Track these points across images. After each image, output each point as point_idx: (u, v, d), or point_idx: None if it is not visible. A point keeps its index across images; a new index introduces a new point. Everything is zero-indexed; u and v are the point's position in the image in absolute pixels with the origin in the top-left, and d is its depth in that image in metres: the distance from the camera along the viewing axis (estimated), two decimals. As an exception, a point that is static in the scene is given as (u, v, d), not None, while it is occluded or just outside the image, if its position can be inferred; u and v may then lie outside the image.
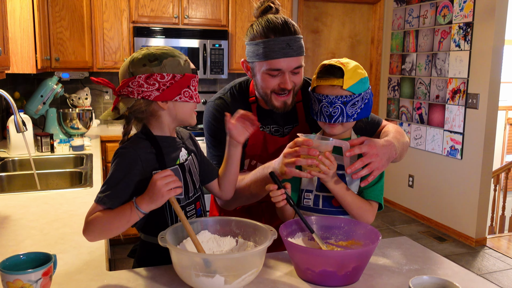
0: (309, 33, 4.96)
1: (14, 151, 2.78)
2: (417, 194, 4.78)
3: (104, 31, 3.83)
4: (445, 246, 4.09)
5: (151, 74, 1.21)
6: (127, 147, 1.23)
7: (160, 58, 1.22)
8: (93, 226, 1.16)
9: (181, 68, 1.24)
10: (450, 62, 4.25)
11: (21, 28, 2.80)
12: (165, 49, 1.26)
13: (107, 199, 1.17)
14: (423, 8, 4.55)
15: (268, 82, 1.49)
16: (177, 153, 1.32)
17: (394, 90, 5.04)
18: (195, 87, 1.27)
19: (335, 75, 1.38)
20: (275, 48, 1.43)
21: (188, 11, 4.02)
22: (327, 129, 1.45)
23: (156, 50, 1.24)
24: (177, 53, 1.26)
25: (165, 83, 1.21)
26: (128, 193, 1.20)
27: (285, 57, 1.44)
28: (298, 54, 1.46)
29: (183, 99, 1.24)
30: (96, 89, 4.25)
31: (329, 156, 1.31)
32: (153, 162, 1.25)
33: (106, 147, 3.64)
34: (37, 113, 3.40)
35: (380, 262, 1.33)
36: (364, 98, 1.40)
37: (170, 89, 1.22)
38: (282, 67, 1.45)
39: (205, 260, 1.07)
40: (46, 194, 1.99)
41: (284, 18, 1.48)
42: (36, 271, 1.02)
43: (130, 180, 1.20)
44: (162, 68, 1.21)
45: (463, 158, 4.17)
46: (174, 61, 1.23)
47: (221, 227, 1.29)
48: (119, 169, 1.21)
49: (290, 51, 1.44)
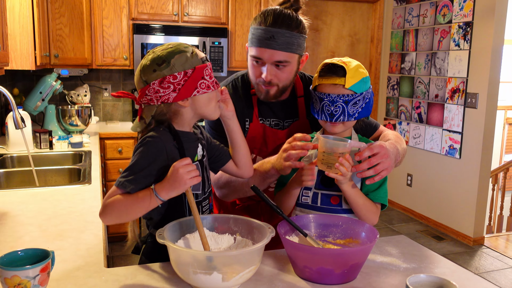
0: (309, 32, 4.93)
1: (12, 147, 2.78)
2: (416, 193, 4.78)
3: (104, 28, 3.83)
4: (443, 245, 4.09)
5: (164, 78, 1.20)
6: (154, 137, 1.22)
7: (167, 59, 1.21)
8: (111, 209, 1.17)
9: (190, 62, 1.22)
10: (449, 62, 4.25)
11: (21, 25, 2.80)
12: (170, 47, 1.24)
13: (128, 183, 1.17)
14: (423, 7, 4.54)
15: (253, 68, 1.53)
16: (196, 149, 1.32)
17: (393, 89, 5.04)
18: (209, 75, 1.25)
19: (337, 74, 1.38)
20: (260, 37, 1.45)
21: (188, 8, 4.02)
22: (328, 128, 1.45)
23: (162, 51, 1.23)
24: (183, 47, 1.24)
25: (179, 82, 1.21)
26: (149, 181, 1.19)
27: (266, 48, 1.45)
28: (282, 49, 1.46)
29: (201, 92, 1.23)
30: (95, 86, 4.24)
31: (348, 158, 1.29)
32: (176, 155, 1.25)
33: (105, 144, 3.64)
34: (36, 110, 3.40)
35: (377, 260, 1.34)
36: (365, 98, 1.41)
37: (186, 86, 1.21)
38: (263, 57, 1.47)
39: (205, 257, 1.07)
40: (44, 191, 1.99)
41: (288, 12, 1.49)
42: (34, 268, 1.02)
43: (153, 169, 1.20)
44: (171, 68, 1.20)
45: (461, 158, 4.18)
46: (181, 58, 1.21)
47: (219, 225, 1.29)
48: (145, 157, 1.20)
49: (273, 44, 1.44)
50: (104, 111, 4.33)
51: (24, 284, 1.01)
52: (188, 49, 1.24)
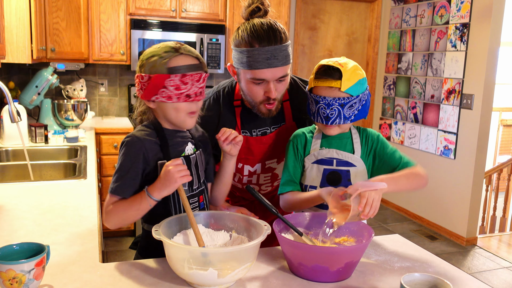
0: (306, 30, 4.95)
1: (7, 141, 2.76)
2: (410, 192, 4.80)
3: (101, 23, 3.81)
4: (436, 245, 4.12)
5: (138, 75, 1.29)
6: (131, 136, 1.29)
7: (145, 58, 1.28)
8: (111, 217, 1.26)
9: (155, 69, 1.25)
10: (446, 62, 4.27)
11: (17, 18, 2.78)
12: (158, 47, 1.28)
13: (120, 189, 1.25)
14: (421, 7, 4.56)
15: (253, 90, 1.46)
16: (183, 146, 1.35)
17: (389, 89, 5.06)
18: (176, 87, 1.23)
19: (332, 77, 1.37)
20: (259, 58, 1.39)
21: (186, 4, 4.00)
22: (324, 130, 1.46)
23: (154, 48, 1.29)
24: (162, 52, 1.26)
25: (144, 83, 1.27)
26: (137, 180, 1.27)
27: (269, 68, 1.40)
28: (283, 64, 1.42)
29: (160, 99, 1.26)
30: (91, 81, 4.23)
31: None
32: (157, 151, 1.29)
33: (101, 139, 3.63)
34: (32, 104, 3.38)
35: (372, 259, 1.34)
36: (362, 100, 1.40)
37: (147, 89, 1.26)
38: (267, 77, 1.42)
39: (200, 253, 1.08)
40: (39, 185, 1.99)
41: (270, 23, 1.43)
42: (29, 262, 1.02)
43: (138, 167, 1.26)
44: (141, 68, 1.28)
45: (456, 158, 4.20)
46: (153, 62, 1.26)
47: (215, 221, 1.30)
48: (126, 158, 1.27)
49: (275, 62, 1.39)
50: (100, 106, 4.32)
51: (19, 278, 1.01)
52: (167, 54, 1.25)
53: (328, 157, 1.46)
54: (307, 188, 1.47)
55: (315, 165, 1.46)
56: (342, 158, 1.45)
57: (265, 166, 1.69)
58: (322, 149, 1.47)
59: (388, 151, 1.46)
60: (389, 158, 1.45)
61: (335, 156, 1.45)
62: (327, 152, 1.46)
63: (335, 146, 1.47)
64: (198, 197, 1.38)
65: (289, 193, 1.47)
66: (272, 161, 1.69)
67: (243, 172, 1.70)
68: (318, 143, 1.48)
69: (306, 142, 1.50)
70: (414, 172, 1.37)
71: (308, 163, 1.48)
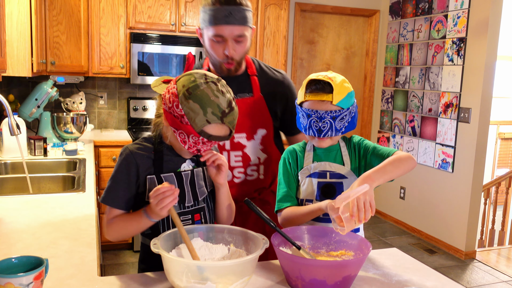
0: (305, 44, 5.00)
1: (7, 154, 2.77)
2: (408, 206, 4.80)
3: (101, 36, 3.84)
4: (435, 259, 4.11)
5: (175, 96, 1.22)
6: (126, 149, 1.31)
7: (193, 98, 1.19)
8: (112, 231, 1.30)
9: (192, 121, 1.19)
10: (443, 76, 4.30)
11: (18, 31, 2.81)
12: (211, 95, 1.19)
13: (110, 199, 1.28)
14: (418, 22, 4.60)
15: (214, 48, 1.64)
16: (180, 164, 1.35)
17: (387, 102, 5.08)
18: (195, 142, 1.23)
19: (324, 90, 1.41)
20: (219, 15, 1.58)
21: (185, 18, 4.04)
22: (316, 143, 1.49)
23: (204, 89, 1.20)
24: (210, 110, 1.19)
25: (175, 111, 1.22)
26: (129, 192, 1.29)
27: (227, 25, 1.58)
28: (240, 24, 1.60)
29: (177, 135, 1.25)
30: (91, 94, 4.25)
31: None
32: (148, 166, 1.30)
33: (100, 152, 3.64)
34: (31, 116, 3.39)
35: (370, 272, 1.34)
36: (351, 112, 1.45)
37: (174, 119, 1.22)
38: (224, 34, 1.60)
39: (198, 267, 1.08)
40: (38, 198, 1.99)
41: None
42: (27, 275, 1.02)
43: (129, 180, 1.28)
44: (182, 103, 1.20)
45: (454, 172, 4.21)
46: (194, 110, 1.19)
47: (213, 235, 1.30)
48: (119, 169, 1.30)
49: (232, 19, 1.58)
50: (99, 119, 4.33)
51: (18, 292, 1.01)
52: (210, 117, 1.19)
53: (321, 170, 1.48)
54: (304, 202, 1.47)
55: (309, 179, 1.48)
56: (334, 170, 1.48)
57: (234, 140, 1.74)
58: (315, 162, 1.49)
59: (371, 149, 1.49)
60: (376, 154, 1.47)
61: (328, 168, 1.48)
62: (320, 165, 1.49)
63: (326, 159, 1.50)
64: (192, 215, 1.36)
65: (288, 208, 1.48)
66: (241, 136, 1.74)
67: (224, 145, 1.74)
68: (311, 156, 1.51)
69: (297, 158, 1.53)
70: (398, 157, 1.38)
71: (303, 177, 1.50)
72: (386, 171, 1.34)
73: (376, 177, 1.30)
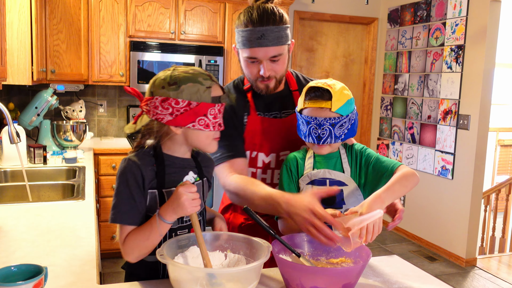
0: (304, 52, 5.02)
1: (6, 162, 2.77)
2: (409, 213, 4.79)
3: (101, 45, 3.86)
4: (436, 266, 4.09)
5: (167, 98, 1.20)
6: (129, 161, 1.24)
7: (180, 82, 1.20)
8: (130, 248, 1.20)
9: (199, 96, 1.21)
10: (442, 83, 4.31)
11: (19, 40, 2.82)
12: (190, 72, 1.23)
13: (119, 217, 1.21)
14: (416, 29, 4.63)
15: (249, 68, 1.60)
16: (182, 176, 1.31)
17: (386, 109, 5.10)
18: (214, 115, 1.23)
19: (323, 98, 1.41)
20: (251, 38, 1.52)
21: (184, 27, 4.06)
22: (315, 150, 1.49)
23: (180, 73, 1.22)
24: (201, 79, 1.22)
25: (179, 109, 1.20)
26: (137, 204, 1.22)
27: (259, 47, 1.52)
28: (274, 44, 1.53)
29: (197, 127, 1.22)
30: (90, 102, 4.26)
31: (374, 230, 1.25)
32: (152, 178, 1.25)
33: (99, 160, 3.64)
34: (31, 125, 3.40)
35: (370, 280, 1.34)
36: (351, 119, 1.45)
37: (184, 116, 1.20)
38: (258, 56, 1.54)
39: (210, 275, 1.08)
40: (38, 206, 1.99)
41: (266, 7, 1.54)
42: (27, 283, 1.02)
43: (136, 192, 1.22)
44: (179, 93, 1.19)
45: (454, 178, 4.21)
46: (193, 88, 1.20)
47: (210, 242, 1.29)
48: (124, 184, 1.22)
49: (265, 41, 1.51)
50: (98, 127, 4.34)
51: (17, 300, 1.01)
52: (206, 83, 1.22)
53: (321, 177, 1.48)
54: None
55: (309, 186, 1.48)
56: (334, 177, 1.48)
57: (279, 158, 1.69)
58: (315, 170, 1.49)
59: (374, 160, 1.48)
60: (378, 167, 1.46)
61: (328, 176, 1.48)
62: (320, 172, 1.49)
63: (326, 166, 1.50)
64: (189, 229, 1.33)
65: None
66: (286, 153, 1.69)
67: (256, 163, 1.68)
68: (311, 164, 1.51)
69: (298, 165, 1.53)
70: (404, 175, 1.39)
71: (303, 184, 1.50)
72: (395, 190, 1.35)
73: (386, 198, 1.32)
